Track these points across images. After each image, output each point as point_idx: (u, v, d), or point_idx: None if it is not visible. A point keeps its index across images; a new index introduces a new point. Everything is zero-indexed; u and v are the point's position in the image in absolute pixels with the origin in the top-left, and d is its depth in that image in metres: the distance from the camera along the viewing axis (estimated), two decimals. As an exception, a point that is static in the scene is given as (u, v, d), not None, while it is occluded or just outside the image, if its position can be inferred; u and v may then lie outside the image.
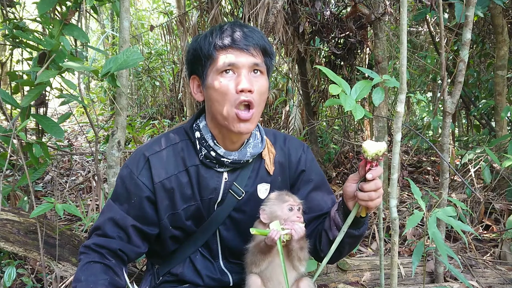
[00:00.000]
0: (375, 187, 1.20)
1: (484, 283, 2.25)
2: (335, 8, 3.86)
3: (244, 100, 1.28)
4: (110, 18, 7.85)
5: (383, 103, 3.13)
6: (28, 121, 1.97)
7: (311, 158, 1.54)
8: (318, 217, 1.48)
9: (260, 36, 1.35)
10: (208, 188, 1.39)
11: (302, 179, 1.49)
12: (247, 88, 1.27)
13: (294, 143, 1.53)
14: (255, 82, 1.31)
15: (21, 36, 2.07)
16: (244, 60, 1.29)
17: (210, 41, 1.32)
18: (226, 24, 1.36)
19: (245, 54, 1.29)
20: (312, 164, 1.52)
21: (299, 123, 4.76)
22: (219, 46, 1.30)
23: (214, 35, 1.32)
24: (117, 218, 1.35)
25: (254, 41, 1.32)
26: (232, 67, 1.29)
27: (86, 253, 1.35)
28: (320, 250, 1.42)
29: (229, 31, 1.32)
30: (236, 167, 1.41)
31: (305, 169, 1.49)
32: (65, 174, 4.29)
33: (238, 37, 1.30)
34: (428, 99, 5.59)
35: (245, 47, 1.30)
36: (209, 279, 1.47)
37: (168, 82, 6.76)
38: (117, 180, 1.41)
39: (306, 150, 1.53)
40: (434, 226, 1.35)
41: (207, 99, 1.36)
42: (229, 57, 1.29)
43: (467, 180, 3.04)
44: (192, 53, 1.37)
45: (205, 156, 1.37)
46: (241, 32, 1.32)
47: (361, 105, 1.32)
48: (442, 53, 2.12)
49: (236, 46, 1.29)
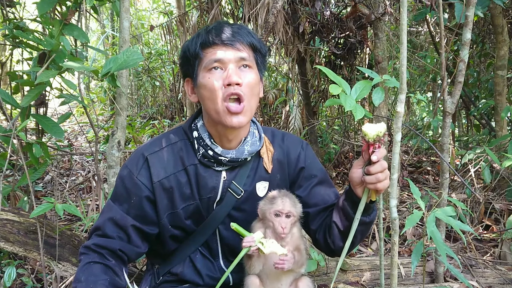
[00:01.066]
0: (381, 168, 1.20)
1: (484, 283, 2.25)
2: (335, 8, 3.86)
3: (232, 93, 1.29)
4: (110, 18, 7.85)
5: (383, 103, 3.13)
6: (28, 121, 1.97)
7: (311, 154, 1.53)
8: (324, 209, 1.47)
9: (247, 32, 1.37)
10: (207, 187, 1.39)
11: (302, 176, 1.49)
12: (234, 81, 1.28)
13: (292, 140, 1.53)
14: (244, 76, 1.32)
15: (21, 36, 2.08)
16: (230, 55, 1.31)
17: (196, 41, 1.35)
18: (213, 24, 1.38)
19: (231, 49, 1.31)
20: (312, 160, 1.52)
21: (299, 123, 4.76)
22: (205, 45, 1.32)
23: (200, 35, 1.35)
24: (117, 218, 1.36)
25: (240, 37, 1.33)
26: (219, 63, 1.31)
27: (86, 254, 1.35)
28: (331, 243, 1.42)
29: (214, 30, 1.34)
30: (235, 166, 1.41)
31: (304, 166, 1.49)
32: (65, 174, 4.29)
33: (223, 34, 1.33)
34: (428, 99, 5.59)
35: (230, 43, 1.31)
36: (209, 279, 1.47)
37: (168, 82, 6.76)
38: (117, 180, 1.41)
39: (305, 147, 1.53)
40: (433, 226, 1.35)
41: (200, 99, 1.37)
42: (215, 53, 1.31)
43: (467, 180, 3.04)
44: (182, 56, 1.40)
45: (203, 155, 1.38)
46: (228, 30, 1.34)
47: (361, 105, 1.32)
48: (442, 53, 2.12)
49: (221, 43, 1.31)
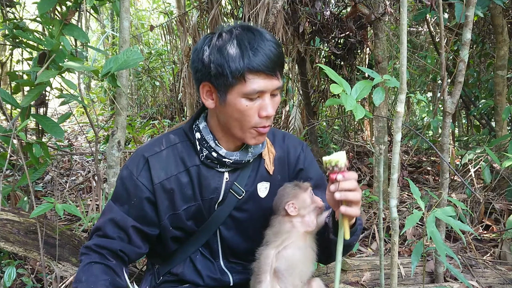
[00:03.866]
0: (350, 186, 1.16)
1: (484, 283, 2.25)
2: (335, 8, 3.86)
3: (265, 126, 1.30)
4: (110, 18, 7.86)
5: (383, 103, 3.13)
6: (28, 121, 1.97)
7: (310, 157, 1.53)
8: None
9: (281, 50, 1.29)
10: (210, 188, 1.39)
11: (300, 177, 1.48)
12: (270, 115, 1.28)
13: (293, 141, 1.53)
14: (274, 104, 1.30)
15: (21, 36, 2.08)
16: (270, 86, 1.26)
17: (242, 62, 1.21)
18: (255, 38, 1.24)
19: (273, 79, 1.26)
20: (311, 163, 1.52)
21: (299, 123, 4.76)
22: (253, 69, 1.22)
23: (246, 54, 1.22)
24: (118, 219, 1.36)
25: (280, 62, 1.27)
26: (260, 94, 1.27)
27: (87, 254, 1.35)
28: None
29: (261, 51, 1.23)
30: (237, 167, 1.41)
31: (303, 168, 1.49)
32: (65, 174, 4.29)
33: (269, 60, 1.23)
34: (428, 99, 5.59)
35: (273, 73, 1.25)
36: (209, 279, 1.47)
37: (168, 82, 6.76)
38: (117, 181, 1.41)
39: (305, 149, 1.53)
40: (433, 226, 1.35)
41: (223, 113, 1.31)
42: (260, 84, 1.24)
43: (467, 180, 3.04)
44: (215, 66, 1.24)
45: (206, 157, 1.37)
46: (271, 52, 1.24)
47: (361, 105, 1.32)
48: (442, 53, 2.12)
49: (267, 71, 1.23)
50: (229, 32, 1.27)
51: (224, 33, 1.27)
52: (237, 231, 1.45)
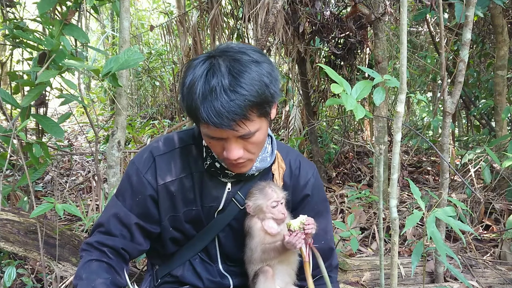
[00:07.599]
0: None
1: (484, 283, 2.25)
2: (335, 8, 3.86)
3: (234, 164, 1.26)
4: (110, 18, 7.85)
5: (383, 103, 3.13)
6: (28, 121, 1.97)
7: (319, 184, 1.50)
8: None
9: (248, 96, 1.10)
10: (210, 196, 1.39)
11: (305, 203, 1.47)
12: (234, 158, 1.21)
13: (305, 165, 1.49)
14: (247, 144, 1.21)
15: (21, 36, 2.08)
16: (230, 135, 1.17)
17: (194, 108, 1.13)
18: (220, 84, 1.10)
19: (229, 131, 1.14)
20: (318, 191, 1.49)
21: (299, 123, 4.76)
22: (201, 120, 1.13)
23: (199, 103, 1.11)
24: (121, 215, 1.36)
25: (238, 116, 1.10)
26: (217, 139, 1.21)
27: (88, 251, 1.36)
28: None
29: (215, 103, 1.09)
30: (240, 179, 1.40)
31: (310, 194, 1.46)
32: (65, 174, 4.29)
33: (217, 115, 1.10)
34: (428, 99, 5.59)
35: (224, 127, 1.11)
36: (209, 282, 1.47)
37: (168, 82, 6.76)
38: (123, 177, 1.41)
39: (315, 175, 1.49)
40: (433, 226, 1.35)
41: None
42: (214, 132, 1.17)
43: (467, 180, 3.04)
44: (183, 100, 1.19)
45: (210, 165, 1.37)
46: (223, 106, 1.09)
47: (361, 105, 1.32)
48: (442, 53, 2.12)
49: (215, 126, 1.11)
50: (207, 64, 1.15)
51: (200, 65, 1.15)
52: (235, 240, 1.44)
